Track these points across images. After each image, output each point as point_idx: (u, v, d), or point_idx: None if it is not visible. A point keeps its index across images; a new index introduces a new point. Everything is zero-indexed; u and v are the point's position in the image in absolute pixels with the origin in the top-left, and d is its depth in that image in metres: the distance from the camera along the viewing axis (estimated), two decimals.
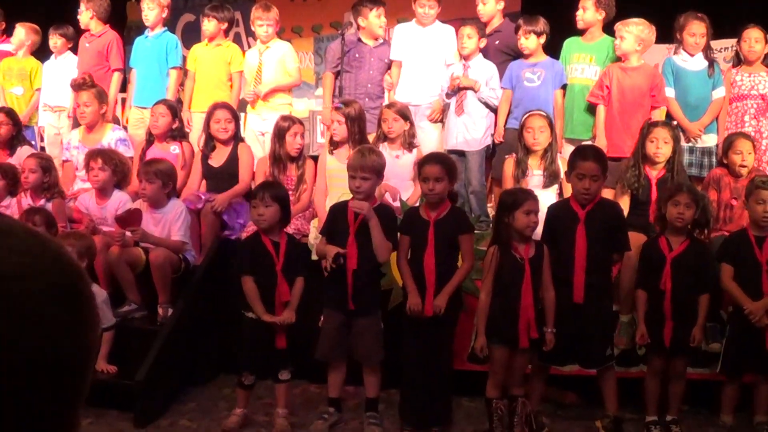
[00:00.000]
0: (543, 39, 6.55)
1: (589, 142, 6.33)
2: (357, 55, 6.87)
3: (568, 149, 6.31)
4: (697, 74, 6.51)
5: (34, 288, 0.83)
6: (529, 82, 6.52)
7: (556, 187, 5.93)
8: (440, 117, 6.79)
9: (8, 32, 8.33)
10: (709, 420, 5.15)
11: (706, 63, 6.52)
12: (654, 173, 5.65)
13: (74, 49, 7.87)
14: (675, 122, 6.23)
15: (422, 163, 5.05)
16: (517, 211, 4.70)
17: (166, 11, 7.52)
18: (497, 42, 6.81)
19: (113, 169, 6.00)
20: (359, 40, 6.92)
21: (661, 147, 5.61)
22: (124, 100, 8.06)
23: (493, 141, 6.59)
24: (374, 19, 6.80)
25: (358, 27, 6.94)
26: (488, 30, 6.83)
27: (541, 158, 5.94)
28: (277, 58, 7.10)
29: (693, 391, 5.13)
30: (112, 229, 5.74)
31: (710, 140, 6.52)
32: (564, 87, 6.59)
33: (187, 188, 6.35)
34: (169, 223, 5.79)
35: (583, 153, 5.03)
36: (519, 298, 4.67)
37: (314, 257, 5.60)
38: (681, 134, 6.16)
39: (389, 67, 6.96)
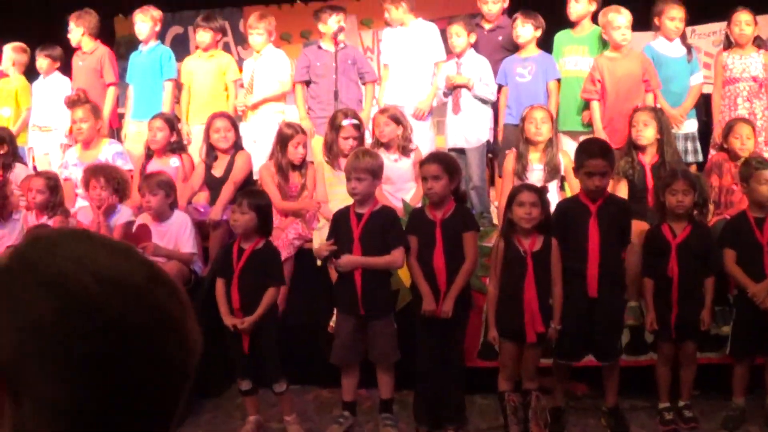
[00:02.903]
0: (538, 33, 6.59)
1: (588, 135, 6.37)
2: (318, 64, 6.90)
3: (565, 141, 6.37)
4: (678, 61, 6.55)
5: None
6: (521, 78, 6.55)
7: (556, 181, 5.95)
8: (425, 115, 6.77)
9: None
10: (720, 403, 5.17)
11: (684, 49, 6.56)
12: (647, 159, 5.72)
13: (62, 69, 7.80)
14: (659, 106, 6.24)
15: (422, 163, 5.11)
16: (513, 204, 4.76)
17: (159, 24, 7.53)
18: (500, 38, 6.85)
19: (115, 188, 5.96)
20: (319, 47, 6.96)
21: (641, 129, 5.69)
22: (121, 115, 8.02)
23: (495, 137, 6.61)
24: (333, 24, 6.83)
25: (319, 34, 7.00)
26: (490, 27, 6.88)
27: (542, 152, 5.96)
28: (270, 67, 7.11)
29: (704, 375, 5.15)
30: None
31: (691, 125, 6.58)
32: (559, 80, 6.60)
33: (187, 199, 6.34)
34: (175, 234, 5.78)
35: (590, 150, 4.99)
36: (522, 291, 4.69)
37: (319, 263, 5.63)
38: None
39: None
